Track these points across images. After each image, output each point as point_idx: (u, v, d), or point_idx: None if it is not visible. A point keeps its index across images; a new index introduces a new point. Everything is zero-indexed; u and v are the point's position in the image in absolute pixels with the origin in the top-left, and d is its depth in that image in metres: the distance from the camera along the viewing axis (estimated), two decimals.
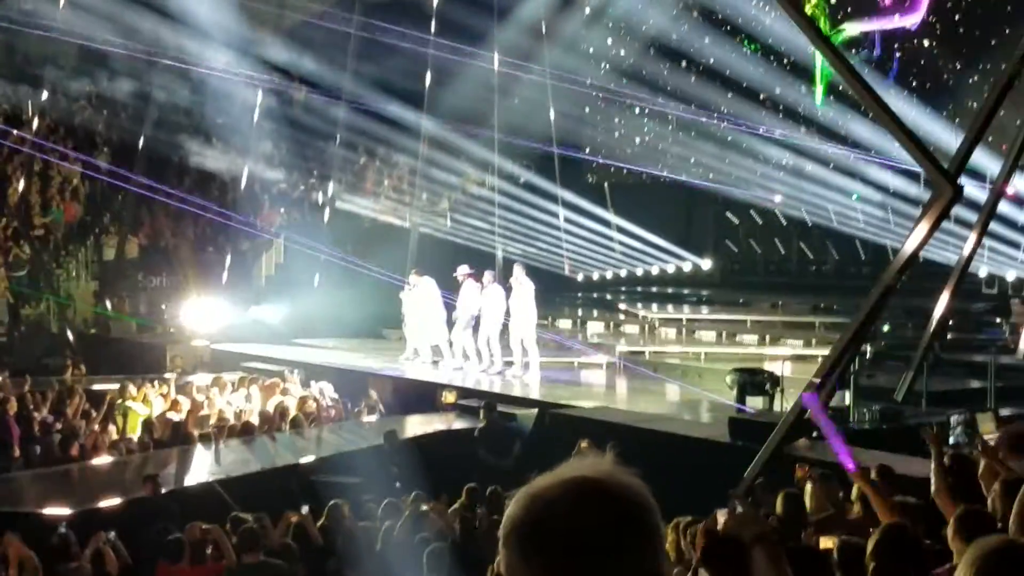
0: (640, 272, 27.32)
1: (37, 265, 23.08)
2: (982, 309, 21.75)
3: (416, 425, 16.08)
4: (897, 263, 11.79)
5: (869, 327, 12.51)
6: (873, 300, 11.76)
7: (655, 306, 24.88)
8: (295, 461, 14.11)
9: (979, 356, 16.87)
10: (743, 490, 9.45)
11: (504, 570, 1.71)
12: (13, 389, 16.13)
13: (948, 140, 20.14)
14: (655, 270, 27.44)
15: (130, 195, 24.59)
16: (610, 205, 27.69)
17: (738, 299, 25.35)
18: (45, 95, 25.74)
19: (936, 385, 14.43)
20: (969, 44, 23.98)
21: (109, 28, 23.55)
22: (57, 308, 23.09)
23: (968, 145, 12.46)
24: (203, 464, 13.84)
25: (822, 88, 25.68)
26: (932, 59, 24.81)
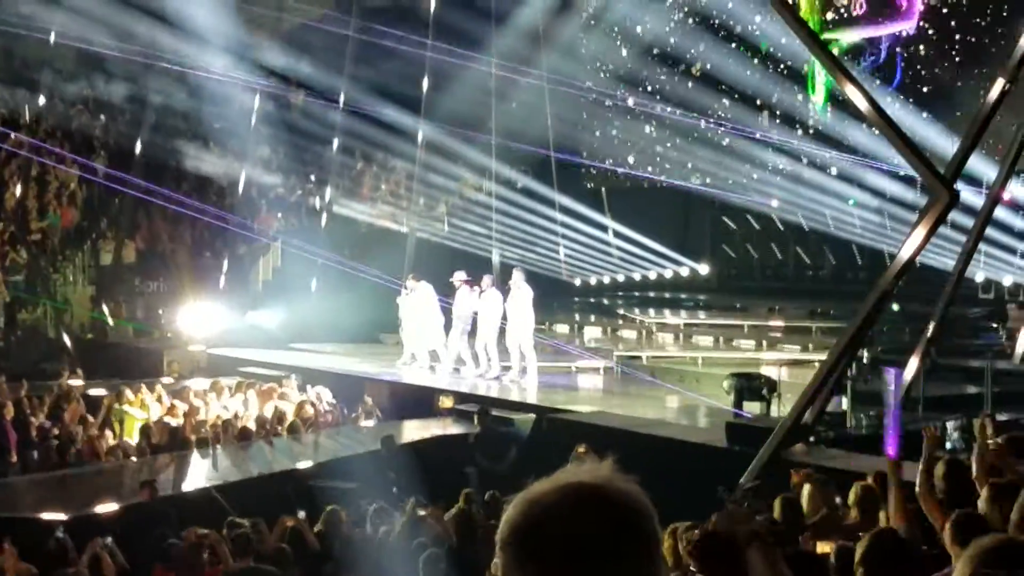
0: (638, 277, 27.31)
1: (34, 270, 23.05)
2: (979, 314, 21.76)
3: (413, 430, 16.06)
4: (894, 268, 11.81)
5: (866, 332, 12.52)
6: (870, 305, 11.77)
7: (652, 311, 24.88)
8: (292, 466, 14.09)
9: (976, 361, 16.88)
10: (737, 495, 9.43)
11: (501, 574, 1.71)
12: (10, 394, 16.09)
13: (944, 145, 20.17)
14: (652, 275, 27.43)
15: (127, 199, 24.58)
16: (607, 210, 27.70)
17: (735, 304, 25.37)
18: (42, 99, 25.76)
19: (933, 390, 14.44)
20: (965, 49, 24.01)
21: (107, 32, 23.57)
22: (54, 313, 23.05)
23: (964, 150, 12.49)
24: (200, 469, 13.83)
25: (823, 95, 25.68)
26: (928, 64, 24.83)
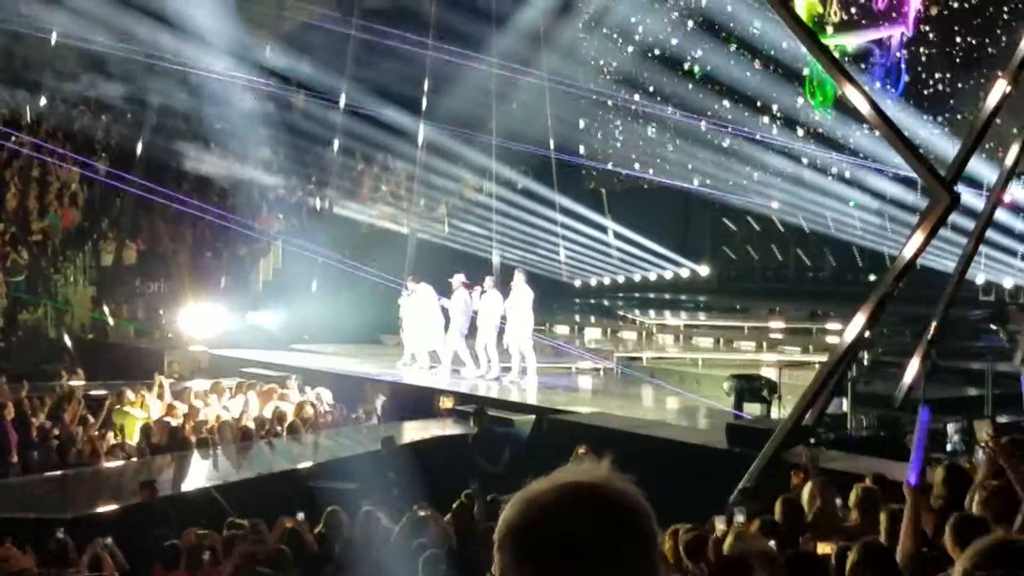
0: (638, 278, 27.31)
1: (35, 270, 23.05)
2: (979, 316, 21.74)
3: (413, 431, 16.04)
4: (894, 270, 11.80)
5: (865, 335, 12.51)
6: (871, 307, 11.77)
7: (653, 312, 24.87)
8: (292, 467, 14.08)
9: (976, 363, 16.86)
10: (737, 498, 9.43)
11: (499, 574, 1.71)
12: (11, 395, 16.09)
13: (945, 148, 20.15)
14: (653, 276, 27.43)
15: (128, 200, 24.58)
16: (608, 211, 27.70)
17: (735, 305, 25.36)
18: (44, 100, 25.76)
19: (933, 392, 14.41)
20: (966, 51, 24.00)
21: (108, 33, 23.57)
22: (55, 313, 23.05)
23: (965, 153, 12.49)
24: (200, 470, 13.81)
25: (828, 95, 25.60)
26: (929, 67, 24.80)
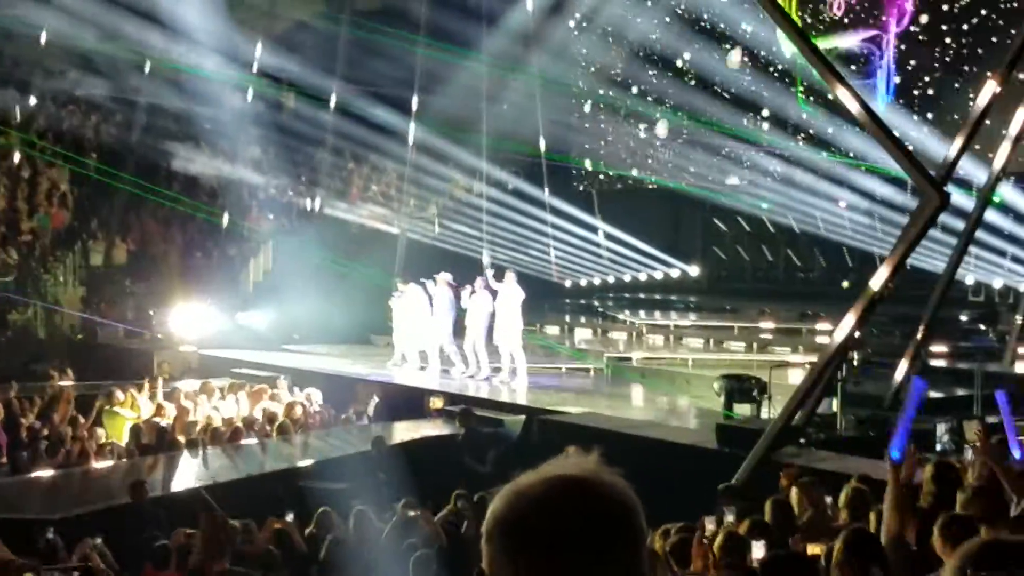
0: (628, 278, 27.32)
1: (24, 270, 22.99)
2: (969, 316, 21.79)
3: (404, 431, 16.03)
4: (884, 271, 11.82)
5: (855, 336, 12.53)
6: (861, 308, 11.79)
7: (643, 312, 24.88)
8: (283, 467, 14.06)
9: (965, 363, 16.90)
10: (721, 494, 9.43)
11: (487, 567, 1.70)
12: (0, 395, 16.05)
13: (935, 148, 20.18)
14: (643, 276, 27.43)
15: (118, 200, 24.53)
16: (598, 211, 27.70)
17: (726, 306, 25.38)
18: (33, 99, 25.69)
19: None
20: (957, 51, 24.05)
21: (98, 33, 23.52)
22: (44, 314, 22.99)
23: (955, 153, 12.52)
24: (190, 470, 13.79)
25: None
26: (919, 66, 24.83)
